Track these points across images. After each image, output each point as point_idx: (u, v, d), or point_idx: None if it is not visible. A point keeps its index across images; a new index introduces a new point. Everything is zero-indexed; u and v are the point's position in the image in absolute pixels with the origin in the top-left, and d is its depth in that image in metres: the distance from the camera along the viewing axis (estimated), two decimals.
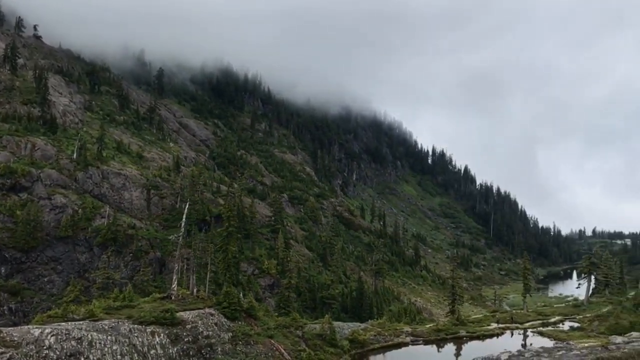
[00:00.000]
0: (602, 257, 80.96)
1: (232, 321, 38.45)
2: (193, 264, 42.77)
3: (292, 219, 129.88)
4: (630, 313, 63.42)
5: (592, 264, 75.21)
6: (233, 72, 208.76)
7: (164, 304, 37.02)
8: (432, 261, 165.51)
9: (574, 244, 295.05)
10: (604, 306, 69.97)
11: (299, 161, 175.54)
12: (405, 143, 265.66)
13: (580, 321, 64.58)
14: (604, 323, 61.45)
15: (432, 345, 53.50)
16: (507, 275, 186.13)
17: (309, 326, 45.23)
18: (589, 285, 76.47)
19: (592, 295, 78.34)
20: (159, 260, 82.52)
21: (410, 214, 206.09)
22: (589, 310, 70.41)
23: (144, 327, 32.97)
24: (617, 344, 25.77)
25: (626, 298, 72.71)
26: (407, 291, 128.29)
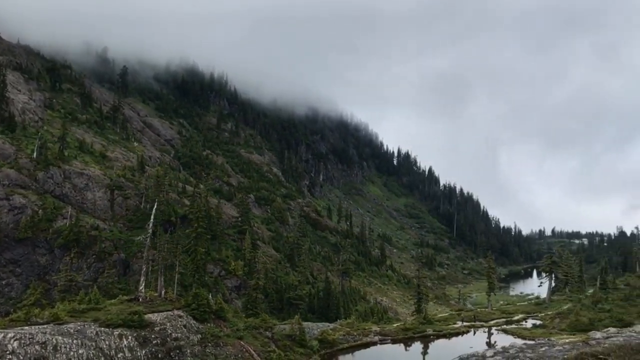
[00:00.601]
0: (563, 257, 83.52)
1: (201, 323, 38.02)
2: (161, 265, 42.11)
3: (259, 219, 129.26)
4: (589, 310, 65.62)
5: (553, 263, 77.45)
6: (199, 71, 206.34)
7: (131, 306, 36.33)
8: (397, 261, 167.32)
9: (534, 244, 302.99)
10: (564, 304, 72.15)
11: (266, 161, 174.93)
12: (371, 144, 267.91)
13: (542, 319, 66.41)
14: (564, 320, 63.39)
15: (400, 344, 54.14)
16: (470, 274, 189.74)
17: (279, 327, 45.14)
18: (550, 283, 78.71)
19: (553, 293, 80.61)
20: (123, 262, 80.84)
21: (376, 214, 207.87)
22: (551, 308, 72.49)
23: (111, 330, 32.28)
24: (597, 339, 26.68)
25: (585, 296, 75.21)
26: (374, 291, 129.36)
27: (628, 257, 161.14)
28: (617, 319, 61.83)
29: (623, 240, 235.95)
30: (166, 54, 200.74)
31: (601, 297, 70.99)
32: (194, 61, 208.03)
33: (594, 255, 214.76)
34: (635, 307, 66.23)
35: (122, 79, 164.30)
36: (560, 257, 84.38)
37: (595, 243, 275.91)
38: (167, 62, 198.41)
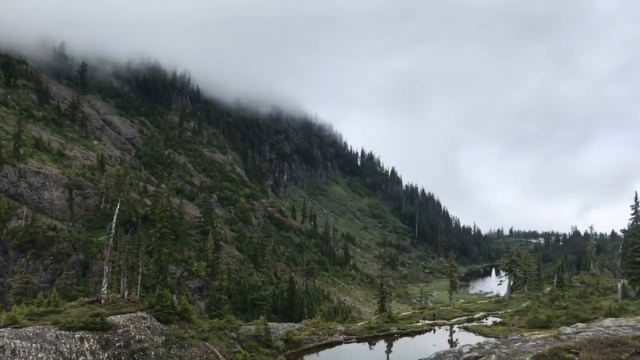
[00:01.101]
0: (522, 256, 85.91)
1: (165, 324, 37.39)
2: (124, 266, 41.21)
3: (222, 220, 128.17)
4: (547, 307, 67.55)
5: (512, 262, 79.47)
6: (161, 69, 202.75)
7: (93, 308, 35.43)
8: (360, 260, 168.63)
9: (492, 243, 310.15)
10: (523, 301, 74.00)
11: (229, 161, 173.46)
12: (335, 144, 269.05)
13: (502, 316, 67.96)
14: (523, 317, 65.02)
15: (365, 343, 54.46)
16: (431, 273, 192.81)
17: (244, 328, 44.80)
18: (510, 282, 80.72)
19: (512, 291, 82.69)
20: (82, 263, 78.83)
21: (340, 214, 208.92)
22: (510, 305, 74.27)
23: (72, 333, 31.38)
24: (568, 334, 27.52)
25: (543, 293, 77.42)
26: (337, 290, 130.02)
27: (582, 256, 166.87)
28: (573, 315, 63.90)
29: (577, 240, 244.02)
30: (127, 52, 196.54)
31: (558, 294, 73.22)
32: (156, 59, 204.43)
33: (550, 254, 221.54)
34: (590, 304, 68.59)
35: (81, 76, 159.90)
36: (519, 256, 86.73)
37: (551, 242, 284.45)
38: (129, 59, 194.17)
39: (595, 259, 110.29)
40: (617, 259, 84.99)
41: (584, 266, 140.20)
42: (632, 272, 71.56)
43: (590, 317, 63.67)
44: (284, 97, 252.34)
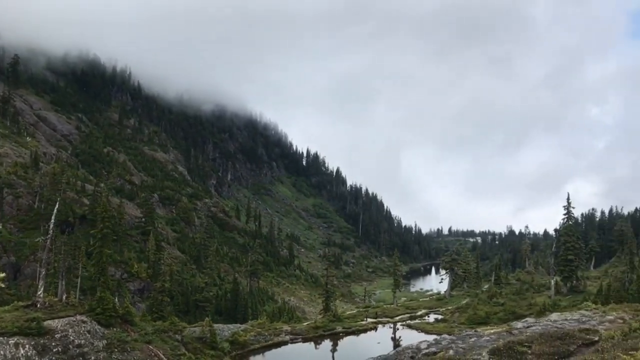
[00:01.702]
0: (461, 254, 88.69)
1: (106, 328, 36.05)
2: (62, 268, 39.39)
3: (164, 220, 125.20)
4: (486, 304, 70.15)
5: (453, 261, 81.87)
6: (100, 64, 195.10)
7: (28, 313, 33.64)
8: (305, 260, 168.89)
9: (432, 242, 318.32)
10: (463, 299, 76.50)
11: (171, 160, 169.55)
12: (280, 144, 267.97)
13: (444, 313, 70.05)
14: (463, 314, 67.29)
15: (311, 343, 54.68)
16: (374, 272, 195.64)
17: (189, 330, 43.88)
18: (451, 279, 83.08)
19: (453, 289, 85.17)
20: (14, 266, 74.93)
21: (285, 214, 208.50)
22: (451, 303, 76.60)
23: (6, 339, 29.71)
24: (519, 329, 28.53)
25: (482, 291, 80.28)
26: (281, 291, 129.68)
27: (517, 254, 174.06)
28: (510, 311, 66.63)
29: (512, 239, 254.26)
30: (64, 44, 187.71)
31: (496, 291, 76.06)
32: (94, 53, 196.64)
33: (487, 252, 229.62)
34: (526, 300, 71.66)
35: (13, 69, 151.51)
36: (459, 254, 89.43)
37: (488, 241, 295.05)
38: (65, 52, 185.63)
39: (530, 257, 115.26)
40: (550, 257, 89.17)
41: (519, 264, 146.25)
42: (564, 270, 75.32)
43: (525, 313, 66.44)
44: (228, 95, 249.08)
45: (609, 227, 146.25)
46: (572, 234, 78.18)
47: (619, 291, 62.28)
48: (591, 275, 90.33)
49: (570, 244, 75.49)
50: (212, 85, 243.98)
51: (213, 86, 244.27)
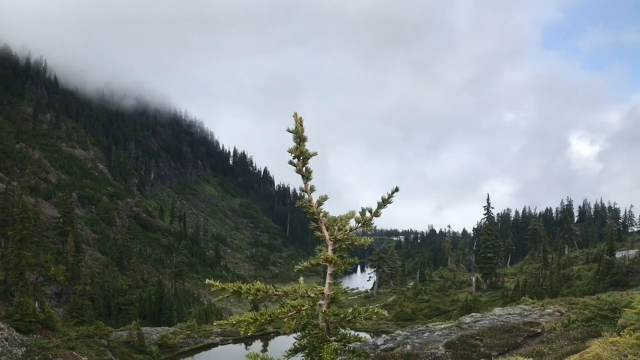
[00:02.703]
0: (388, 253, 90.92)
1: (26, 335, 33.74)
2: None
3: (83, 220, 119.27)
4: (412, 301, 72.30)
5: (380, 259, 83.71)
6: (11, 54, 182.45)
7: None
8: (232, 261, 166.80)
9: None
10: (389, 296, 78.44)
11: (91, 157, 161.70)
12: (206, 142, 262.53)
13: None
14: (390, 311, 68.89)
15: (242, 344, 54.03)
16: (302, 272, 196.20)
17: (115, 334, 42.03)
18: (379, 277, 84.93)
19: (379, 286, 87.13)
20: None
21: (211, 214, 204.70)
22: (378, 300, 78.27)
23: None
24: (468, 323, 29.37)
25: (407, 288, 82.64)
26: (207, 292, 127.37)
27: (438, 252, 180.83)
28: (434, 308, 69.12)
29: (433, 237, 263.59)
30: None
31: (421, 289, 78.65)
32: (5, 43, 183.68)
33: (410, 251, 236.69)
34: (449, 297, 74.62)
35: None
36: (386, 253, 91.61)
37: (410, 240, 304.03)
38: None
39: (451, 255, 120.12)
40: (471, 255, 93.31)
41: (440, 262, 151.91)
42: (484, 267, 79.05)
43: (449, 309, 69.22)
44: (152, 91, 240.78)
45: (523, 226, 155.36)
46: (491, 233, 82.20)
47: (534, 286, 66.13)
48: (508, 272, 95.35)
49: (490, 242, 79.33)
50: (134, 81, 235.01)
51: (135, 82, 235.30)
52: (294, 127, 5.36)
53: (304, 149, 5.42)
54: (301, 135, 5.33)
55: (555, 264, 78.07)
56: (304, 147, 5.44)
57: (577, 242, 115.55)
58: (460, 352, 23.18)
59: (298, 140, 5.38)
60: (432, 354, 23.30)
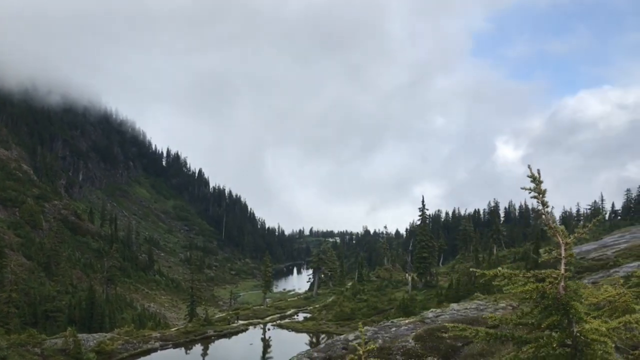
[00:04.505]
0: (327, 254, 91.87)
1: None
2: None
3: (6, 223, 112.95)
4: (350, 301, 73.48)
5: (320, 260, 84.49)
6: None
7: None
8: (165, 265, 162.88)
9: (295, 243, 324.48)
10: (329, 297, 79.29)
11: (14, 157, 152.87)
12: (138, 143, 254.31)
13: (312, 311, 71.97)
14: (330, 311, 69.80)
15: (182, 348, 53.08)
16: (238, 274, 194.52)
17: (50, 342, 40.18)
18: (318, 278, 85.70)
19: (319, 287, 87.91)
20: None
21: (143, 217, 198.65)
22: (318, 301, 78.96)
23: None
24: (430, 318, 30.20)
25: (346, 288, 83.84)
26: (140, 297, 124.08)
27: (373, 253, 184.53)
28: (373, 307, 70.58)
29: (368, 238, 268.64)
30: None
31: (359, 288, 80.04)
32: None
33: (346, 252, 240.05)
34: (386, 296, 76.40)
35: None
36: (326, 254, 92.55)
37: (346, 241, 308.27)
38: None
39: (388, 255, 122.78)
40: (407, 255, 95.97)
41: (375, 262, 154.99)
42: (420, 266, 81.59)
43: (386, 308, 70.98)
44: (80, 89, 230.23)
45: (453, 227, 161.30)
46: (426, 233, 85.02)
47: (467, 284, 69.00)
48: (441, 271, 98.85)
49: (425, 242, 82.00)
50: (60, 77, 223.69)
51: (61, 78, 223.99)
52: None
53: None
54: None
55: (486, 262, 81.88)
56: None
57: (504, 242, 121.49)
58: (429, 344, 24.46)
59: None
60: (403, 346, 24.33)
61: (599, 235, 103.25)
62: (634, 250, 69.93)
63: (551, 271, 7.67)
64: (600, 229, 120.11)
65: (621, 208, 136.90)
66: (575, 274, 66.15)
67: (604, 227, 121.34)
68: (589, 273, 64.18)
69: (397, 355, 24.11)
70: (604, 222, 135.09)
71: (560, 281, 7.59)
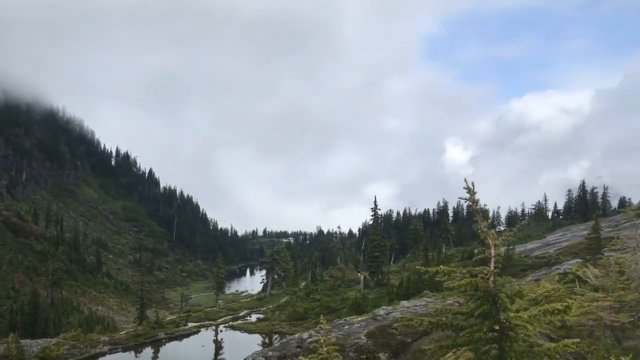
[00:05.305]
0: (281, 254, 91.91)
1: None
2: None
3: None
4: (304, 301, 73.81)
5: (274, 261, 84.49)
6: None
7: None
8: (114, 267, 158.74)
9: (248, 243, 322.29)
10: (282, 297, 79.38)
11: None
12: (86, 142, 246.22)
13: (265, 312, 71.90)
14: (284, 312, 69.95)
15: (131, 352, 52.08)
16: (189, 276, 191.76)
17: None
18: (272, 279, 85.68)
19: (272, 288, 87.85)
20: None
21: (91, 218, 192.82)
22: (271, 302, 78.96)
23: None
24: (381, 315, 30.66)
25: (299, 288, 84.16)
26: (88, 300, 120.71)
27: (326, 253, 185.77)
28: (325, 306, 71.10)
29: (322, 238, 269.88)
30: None
31: (312, 288, 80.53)
32: None
33: (299, 252, 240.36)
34: (339, 295, 77.19)
35: None
36: (280, 254, 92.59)
37: (300, 241, 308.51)
38: None
39: (341, 254, 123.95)
40: (360, 254, 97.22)
41: (329, 262, 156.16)
42: (372, 265, 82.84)
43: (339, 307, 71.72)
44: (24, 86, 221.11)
45: (404, 226, 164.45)
46: (377, 233, 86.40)
47: (416, 282, 70.59)
48: (392, 270, 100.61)
49: (377, 242, 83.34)
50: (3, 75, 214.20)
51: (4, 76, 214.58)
52: None
53: None
54: None
55: (435, 261, 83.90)
56: None
57: (452, 241, 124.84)
58: (380, 341, 25.21)
59: None
60: (356, 343, 24.99)
61: (542, 234, 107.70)
62: (574, 248, 73.38)
63: (482, 268, 8.81)
64: (543, 228, 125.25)
65: (563, 208, 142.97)
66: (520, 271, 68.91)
67: (547, 227, 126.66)
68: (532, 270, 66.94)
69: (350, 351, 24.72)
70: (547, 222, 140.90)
71: (490, 276, 8.70)
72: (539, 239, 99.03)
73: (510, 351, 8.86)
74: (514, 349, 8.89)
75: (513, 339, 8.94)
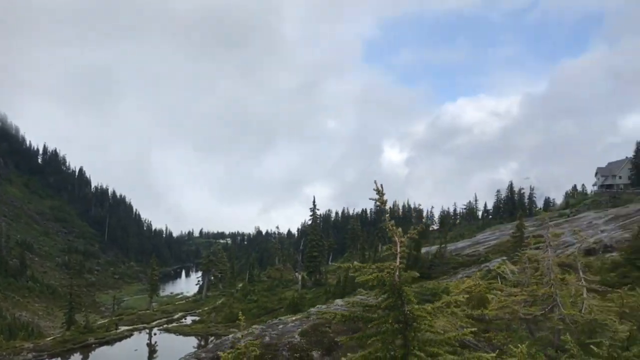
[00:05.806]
0: (218, 255, 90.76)
1: None
2: None
3: None
4: (241, 302, 73.41)
5: (210, 262, 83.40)
6: None
7: None
8: (40, 270, 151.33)
9: (183, 245, 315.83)
10: (219, 299, 78.50)
11: None
12: (10, 138, 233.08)
13: (200, 314, 70.88)
14: (220, 314, 69.21)
15: (58, 358, 49.98)
16: (121, 278, 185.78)
17: None
18: (208, 280, 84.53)
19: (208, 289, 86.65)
20: None
21: (15, 218, 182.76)
22: (207, 303, 77.90)
23: None
24: (315, 313, 30.77)
25: (236, 290, 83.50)
26: (11, 305, 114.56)
27: (264, 253, 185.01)
28: (262, 307, 71.05)
29: (260, 239, 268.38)
30: None
31: (249, 289, 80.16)
32: None
33: (237, 253, 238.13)
34: (276, 295, 77.26)
35: None
36: (216, 255, 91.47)
37: (238, 242, 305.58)
38: None
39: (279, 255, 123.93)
40: (298, 254, 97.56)
41: (266, 262, 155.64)
42: (310, 265, 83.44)
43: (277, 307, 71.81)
44: None
45: (343, 226, 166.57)
46: (316, 233, 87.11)
47: (352, 281, 71.71)
48: (330, 269, 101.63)
49: (315, 242, 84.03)
50: None
51: None
52: None
53: None
54: None
55: (372, 259, 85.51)
56: None
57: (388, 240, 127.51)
58: (313, 339, 25.61)
59: None
60: (290, 342, 25.22)
61: (472, 233, 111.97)
62: (501, 246, 76.85)
63: (389, 263, 9.46)
64: (474, 227, 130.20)
65: (492, 207, 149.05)
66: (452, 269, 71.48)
67: (478, 226, 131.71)
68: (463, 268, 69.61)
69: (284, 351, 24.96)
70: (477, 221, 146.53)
71: (396, 271, 9.34)
72: (469, 237, 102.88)
73: (413, 340, 9.77)
74: (417, 339, 9.82)
75: (416, 329, 9.88)
